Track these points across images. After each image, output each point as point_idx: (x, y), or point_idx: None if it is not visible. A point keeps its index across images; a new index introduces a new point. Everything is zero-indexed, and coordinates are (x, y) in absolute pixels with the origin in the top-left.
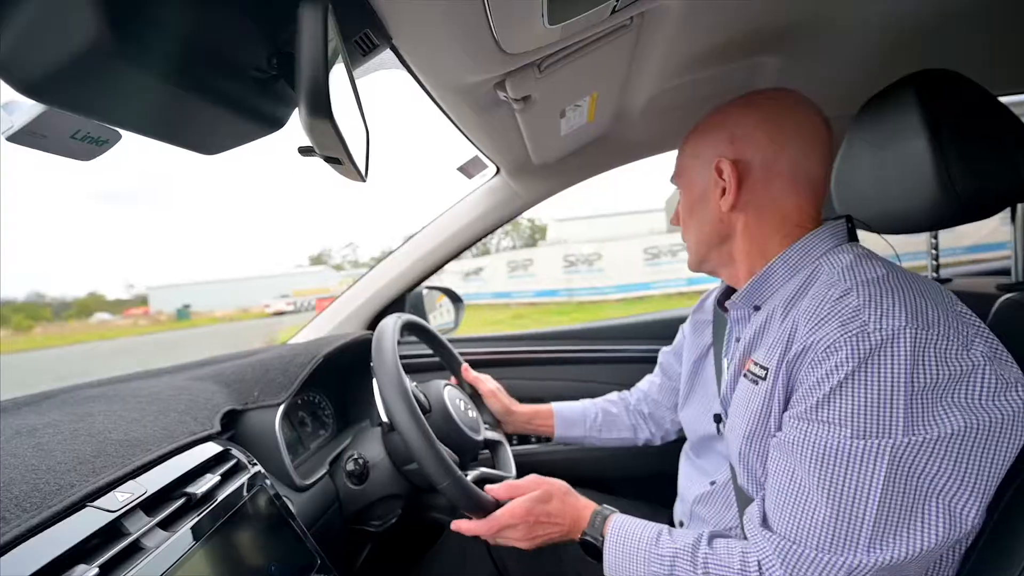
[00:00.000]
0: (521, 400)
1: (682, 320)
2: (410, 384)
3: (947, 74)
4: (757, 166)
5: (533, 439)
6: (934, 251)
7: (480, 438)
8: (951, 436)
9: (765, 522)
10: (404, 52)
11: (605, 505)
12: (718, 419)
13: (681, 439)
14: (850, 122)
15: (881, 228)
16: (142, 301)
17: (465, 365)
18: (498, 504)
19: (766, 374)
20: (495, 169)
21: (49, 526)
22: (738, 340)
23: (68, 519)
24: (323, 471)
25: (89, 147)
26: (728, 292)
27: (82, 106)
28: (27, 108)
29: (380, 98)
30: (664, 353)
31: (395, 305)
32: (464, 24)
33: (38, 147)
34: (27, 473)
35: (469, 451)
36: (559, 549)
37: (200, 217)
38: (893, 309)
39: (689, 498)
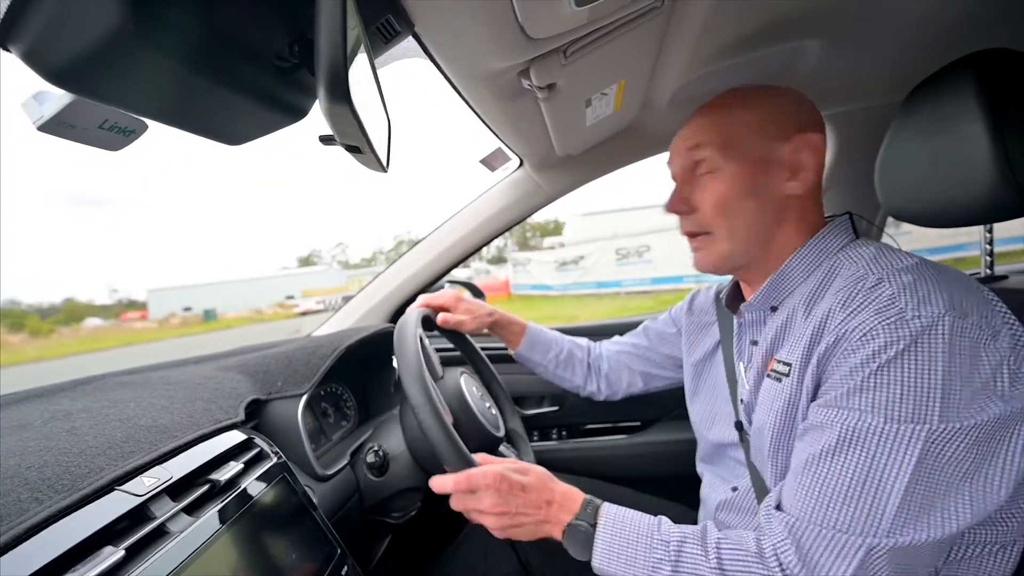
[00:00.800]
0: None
1: None
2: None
3: (1009, 53)
4: (822, 151)
5: (553, 435)
6: (988, 245)
7: (500, 434)
8: (984, 424)
9: (780, 507)
10: (426, 39)
11: (593, 496)
12: (740, 427)
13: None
14: (898, 109)
15: (931, 222)
16: (129, 305)
17: (443, 316)
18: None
19: (789, 370)
20: (518, 162)
21: (79, 508)
22: (754, 343)
23: (97, 502)
24: (344, 462)
25: (117, 137)
26: (734, 292)
27: (108, 94)
28: (57, 98)
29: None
30: (647, 329)
31: (417, 299)
32: (488, 8)
33: (68, 137)
34: (60, 456)
35: (485, 441)
36: None
37: (179, 220)
38: (931, 296)
39: (711, 504)
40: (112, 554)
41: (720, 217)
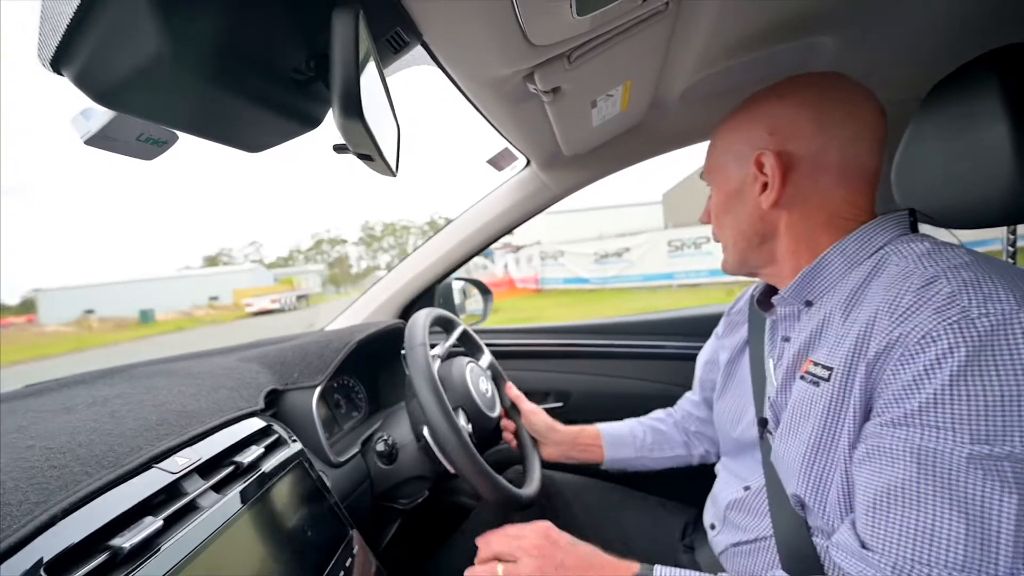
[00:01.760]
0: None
1: (714, 317)
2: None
3: None
4: (802, 158)
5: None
6: (1011, 248)
7: (494, 415)
8: None
9: (866, 547)
10: (434, 48)
11: (644, 564)
12: (764, 423)
13: None
14: (917, 106)
15: (949, 222)
16: None
17: (509, 383)
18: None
19: (830, 375)
20: (525, 161)
21: (123, 482)
22: (787, 340)
23: (138, 477)
24: (355, 450)
25: (152, 148)
26: (769, 291)
27: (146, 111)
28: (100, 114)
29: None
30: (701, 367)
31: (425, 296)
32: (492, 18)
33: (110, 149)
34: (104, 436)
35: (480, 420)
36: (582, 532)
37: (50, 215)
38: (998, 292)
39: (722, 502)
40: (152, 523)
41: (718, 229)
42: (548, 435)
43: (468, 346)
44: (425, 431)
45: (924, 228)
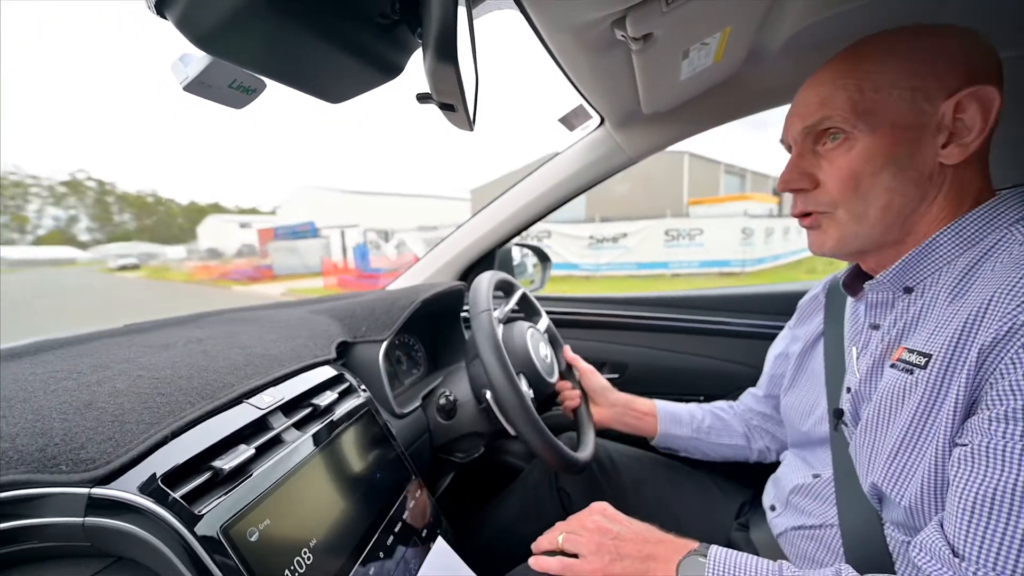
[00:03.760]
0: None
1: (781, 296)
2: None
3: None
4: (995, 109)
5: None
6: None
7: (552, 380)
8: None
9: (957, 554)
10: None
11: (701, 543)
12: (839, 415)
13: None
14: None
15: None
16: None
17: (567, 347)
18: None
19: (927, 362)
20: (598, 120)
21: (219, 413)
22: (875, 327)
23: (232, 409)
24: (416, 404)
25: (242, 96)
26: (858, 273)
27: (239, 56)
28: (198, 60)
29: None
30: (772, 361)
31: (485, 260)
32: None
33: (205, 96)
34: (200, 372)
35: (538, 384)
36: (630, 503)
37: None
38: None
39: (787, 486)
40: (246, 451)
41: (848, 194)
42: (603, 395)
43: (527, 310)
44: (488, 395)
45: None
